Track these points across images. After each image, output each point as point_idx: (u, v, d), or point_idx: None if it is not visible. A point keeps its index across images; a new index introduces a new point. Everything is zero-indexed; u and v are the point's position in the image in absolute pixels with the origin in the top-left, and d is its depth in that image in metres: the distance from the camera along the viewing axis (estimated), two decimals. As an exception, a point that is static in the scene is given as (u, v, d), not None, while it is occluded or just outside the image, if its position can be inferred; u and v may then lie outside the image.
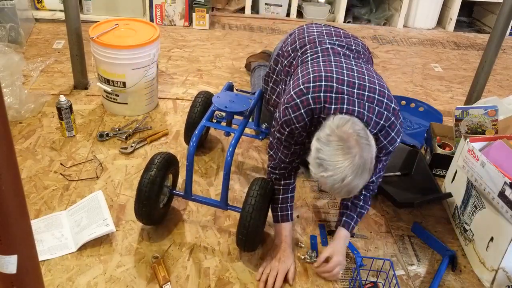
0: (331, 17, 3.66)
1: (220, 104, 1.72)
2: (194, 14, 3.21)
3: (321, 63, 1.51)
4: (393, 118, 1.44)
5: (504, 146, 1.66)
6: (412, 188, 1.94)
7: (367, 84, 1.44)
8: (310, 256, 1.59)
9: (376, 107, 1.42)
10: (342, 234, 1.57)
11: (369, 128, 1.39)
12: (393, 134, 1.45)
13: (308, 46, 1.64)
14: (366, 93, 1.42)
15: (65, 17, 2.20)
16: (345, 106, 1.40)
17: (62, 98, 1.99)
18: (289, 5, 3.58)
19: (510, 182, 1.44)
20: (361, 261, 1.57)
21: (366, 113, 1.40)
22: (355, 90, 1.42)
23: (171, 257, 1.55)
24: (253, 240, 1.50)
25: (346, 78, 1.44)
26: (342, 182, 1.28)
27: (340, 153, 1.27)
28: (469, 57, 3.28)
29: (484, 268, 1.57)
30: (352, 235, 1.67)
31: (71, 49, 2.29)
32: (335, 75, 1.45)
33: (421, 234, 1.73)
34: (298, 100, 1.43)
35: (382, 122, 1.42)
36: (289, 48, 1.71)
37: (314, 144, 1.34)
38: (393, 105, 1.45)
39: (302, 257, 1.60)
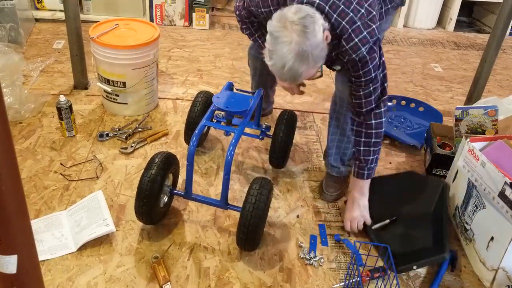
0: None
1: (220, 104, 1.72)
2: (194, 14, 3.21)
3: None
4: (359, 23, 1.41)
5: (504, 146, 1.66)
6: (413, 238, 1.66)
7: None
8: (310, 257, 1.59)
9: (342, 6, 1.40)
10: (353, 185, 1.71)
11: (330, 24, 1.39)
12: (356, 40, 1.42)
13: None
14: None
15: (65, 17, 2.20)
16: None
17: (62, 98, 1.99)
18: (289, 5, 3.58)
19: (510, 182, 1.44)
20: (361, 260, 1.58)
21: (327, 7, 1.40)
22: None
23: (171, 257, 1.55)
24: (253, 239, 1.50)
25: None
26: (283, 69, 1.36)
27: (279, 41, 1.35)
28: (469, 57, 3.28)
29: (484, 268, 1.57)
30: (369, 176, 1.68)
31: (71, 49, 2.29)
32: None
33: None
34: None
35: (343, 22, 1.40)
36: None
37: (267, 36, 1.40)
38: (363, 11, 1.41)
39: (302, 256, 1.60)
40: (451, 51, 3.35)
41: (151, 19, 3.21)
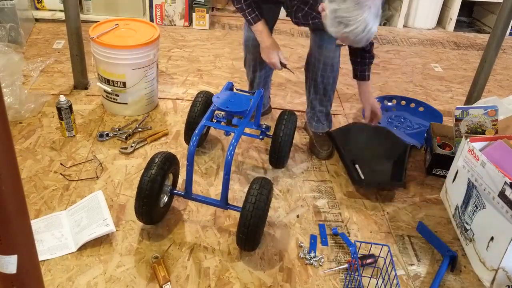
0: (331, 17, 3.66)
1: (220, 104, 1.72)
2: (194, 14, 3.21)
3: None
4: None
5: (504, 146, 1.66)
6: (377, 162, 2.02)
7: None
8: (310, 257, 1.59)
9: None
10: (368, 84, 1.99)
11: None
12: None
13: None
14: None
15: (65, 17, 2.20)
16: None
17: (62, 98, 1.99)
18: (289, 5, 3.58)
19: (510, 182, 1.44)
20: (356, 249, 1.58)
21: None
22: None
23: (171, 257, 1.55)
24: (253, 239, 1.50)
25: None
26: (363, 32, 1.46)
27: (358, 7, 1.43)
28: (469, 57, 3.28)
29: (484, 267, 1.57)
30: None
31: (71, 49, 2.29)
32: None
33: (426, 234, 1.72)
34: None
35: None
36: None
37: (328, 6, 1.48)
38: None
39: (302, 256, 1.60)
40: (451, 51, 3.35)
41: (151, 19, 3.21)
